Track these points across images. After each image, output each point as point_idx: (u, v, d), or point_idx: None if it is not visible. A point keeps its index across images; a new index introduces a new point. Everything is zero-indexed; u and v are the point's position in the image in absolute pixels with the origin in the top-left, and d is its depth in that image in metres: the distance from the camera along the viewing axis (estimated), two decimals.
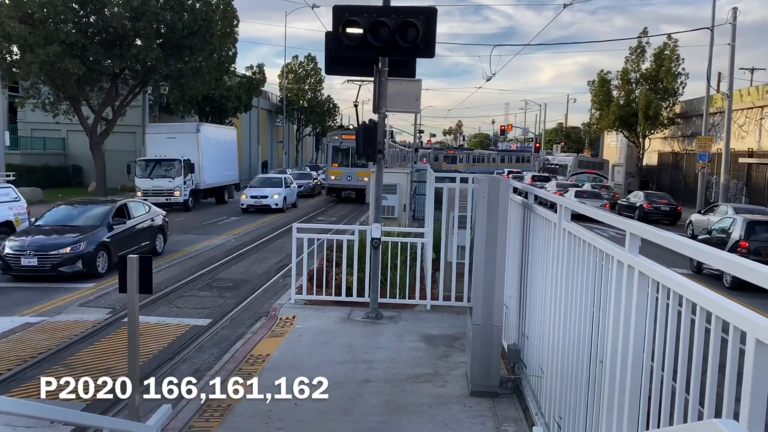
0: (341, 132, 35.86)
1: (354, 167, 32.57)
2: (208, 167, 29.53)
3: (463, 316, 9.13)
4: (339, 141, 33.68)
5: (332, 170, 33.82)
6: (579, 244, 4.33)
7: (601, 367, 3.68)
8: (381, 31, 7.92)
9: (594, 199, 29.85)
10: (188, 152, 28.03)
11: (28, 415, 2.73)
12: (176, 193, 26.98)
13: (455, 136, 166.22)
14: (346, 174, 33.07)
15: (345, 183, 33.19)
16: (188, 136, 28.94)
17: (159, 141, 28.26)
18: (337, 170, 33.37)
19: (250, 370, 7.00)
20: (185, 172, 27.34)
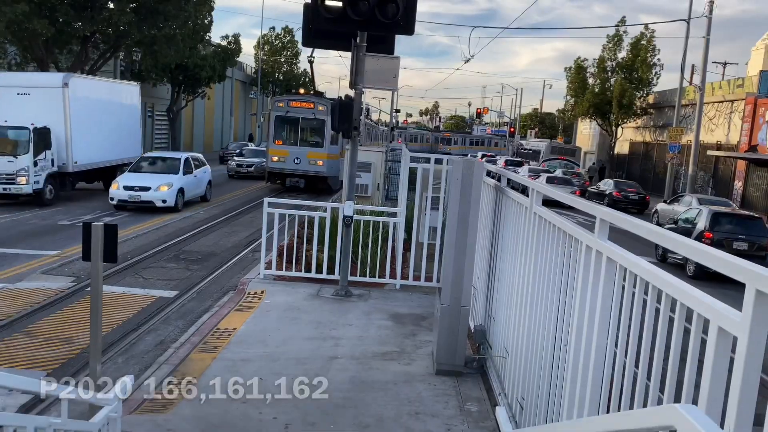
0: (288, 97, 27.02)
1: (304, 146, 24.80)
2: (83, 140, 20.17)
3: (432, 296, 9.18)
4: (285, 109, 24.96)
5: (274, 149, 25.11)
6: (549, 228, 4.36)
7: (565, 350, 3.73)
8: (361, 5, 7.79)
9: (565, 185, 30.17)
10: (48, 116, 18.87)
11: None
12: (20, 179, 17.85)
13: (431, 117, 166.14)
14: (292, 155, 24.64)
15: (291, 167, 24.78)
16: (49, 93, 19.45)
17: (8, 99, 19.01)
18: (281, 149, 24.89)
19: (216, 343, 6.95)
20: (36, 147, 18.13)
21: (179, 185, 19.23)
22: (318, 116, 24.48)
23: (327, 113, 23.25)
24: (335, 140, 24.26)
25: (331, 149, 24.89)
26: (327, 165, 24.74)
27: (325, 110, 23.72)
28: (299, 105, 24.79)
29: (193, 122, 48.97)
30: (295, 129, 25.21)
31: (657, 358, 2.52)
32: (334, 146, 24.85)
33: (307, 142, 25.08)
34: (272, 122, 25.47)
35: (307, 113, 24.64)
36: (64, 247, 12.67)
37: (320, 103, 24.63)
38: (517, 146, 58.60)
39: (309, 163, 24.58)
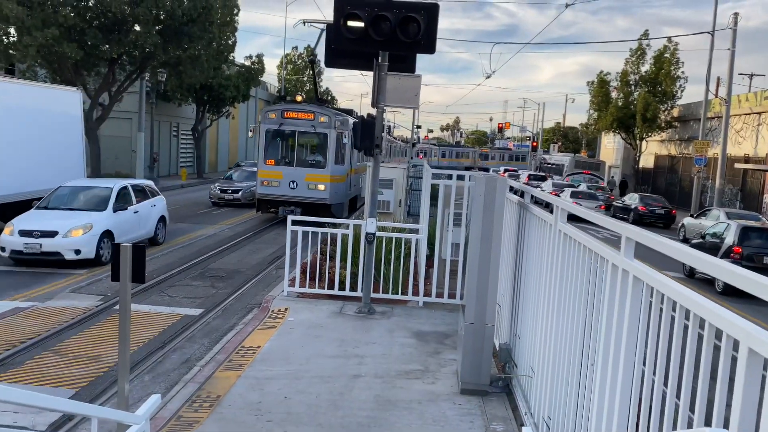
0: (282, 107, 21.36)
1: (302, 166, 20.12)
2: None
3: (456, 313, 9.13)
4: (278, 121, 20.09)
5: (265, 170, 20.17)
6: (574, 246, 4.33)
7: (592, 369, 3.68)
8: (382, 26, 7.89)
9: (589, 200, 29.90)
10: None
11: (15, 402, 2.71)
12: None
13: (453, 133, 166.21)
14: (287, 178, 19.87)
15: (285, 193, 19.84)
16: None
17: None
18: (273, 170, 20.04)
19: (241, 361, 6.99)
20: None
21: (105, 226, 13.07)
22: (319, 129, 19.78)
23: (331, 125, 19.81)
24: (341, 158, 20.60)
25: (336, 170, 20.26)
26: (330, 189, 19.84)
27: (327, 122, 19.85)
28: (295, 116, 19.89)
29: (217, 141, 49.64)
30: (290, 145, 20.42)
31: (686, 376, 2.48)
32: (339, 166, 20.52)
33: (306, 161, 20.36)
34: (262, 137, 20.17)
35: (306, 126, 19.83)
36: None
37: (321, 113, 20.06)
38: (540, 161, 58.29)
39: (308, 188, 19.56)
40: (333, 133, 20.04)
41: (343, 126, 20.51)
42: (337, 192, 20.58)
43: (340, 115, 21.38)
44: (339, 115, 21.26)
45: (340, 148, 20.54)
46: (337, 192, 20.58)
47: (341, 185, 20.97)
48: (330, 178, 19.94)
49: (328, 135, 19.92)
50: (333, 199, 20.12)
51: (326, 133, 19.94)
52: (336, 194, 20.41)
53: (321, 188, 19.76)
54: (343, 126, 20.48)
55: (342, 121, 20.68)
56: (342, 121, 20.68)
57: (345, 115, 21.94)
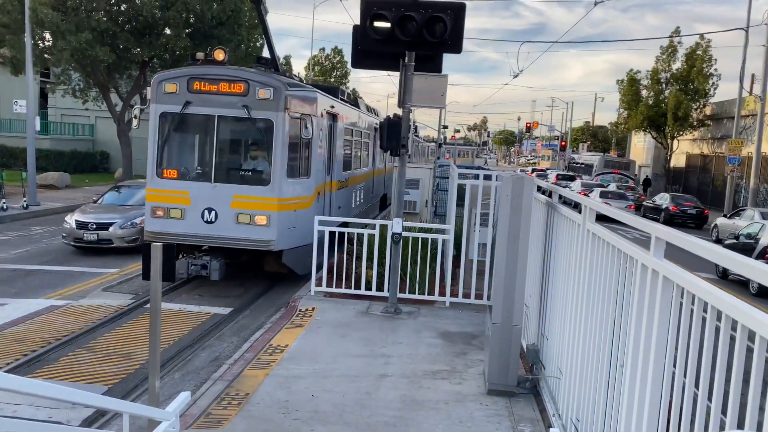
0: (187, 72, 11.16)
1: (227, 181, 11.06)
2: None
3: (483, 314, 9.09)
4: (180, 96, 10.87)
5: (159, 188, 11.22)
6: (603, 246, 4.28)
7: (621, 371, 3.64)
8: (409, 26, 7.89)
9: (619, 199, 29.48)
10: None
11: (50, 397, 2.78)
12: None
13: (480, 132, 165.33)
14: (199, 201, 10.91)
15: (195, 230, 10.92)
16: None
17: None
18: (174, 189, 11.10)
19: (269, 359, 7.05)
20: None
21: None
22: (257, 112, 10.75)
23: (279, 105, 10.65)
24: (302, 165, 11.48)
25: (298, 186, 11.38)
26: (279, 224, 10.84)
27: (274, 98, 10.67)
28: (213, 88, 10.89)
29: None
30: (204, 143, 11.51)
31: (718, 378, 2.44)
32: (304, 179, 11.51)
33: (234, 172, 11.38)
34: (154, 129, 11.26)
35: (232, 105, 10.81)
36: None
37: (261, 82, 10.81)
38: (569, 160, 57.64)
39: (236, 221, 10.76)
40: (283, 119, 10.62)
41: (308, 106, 11.32)
42: (297, 225, 10.97)
43: (300, 89, 11.51)
44: (298, 89, 11.40)
45: (300, 148, 11.23)
46: (297, 225, 10.97)
47: (308, 212, 11.20)
48: (279, 204, 10.75)
49: (275, 123, 10.60)
50: (286, 240, 10.85)
51: (270, 119, 10.63)
52: (295, 229, 10.96)
53: (261, 221, 10.61)
54: (306, 106, 11.22)
55: (305, 99, 11.27)
56: (305, 99, 11.27)
57: (313, 91, 11.96)
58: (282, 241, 10.75)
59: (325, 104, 12.42)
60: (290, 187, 11.04)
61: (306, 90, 11.85)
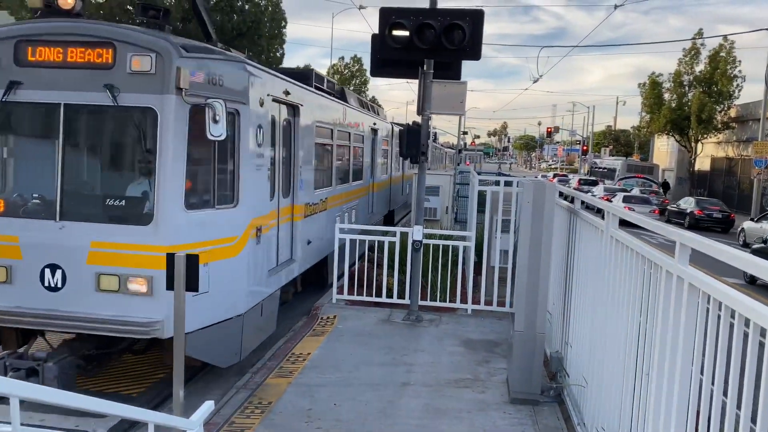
0: (16, 32, 6.26)
1: (80, 218, 6.14)
2: None
3: (505, 321, 9.03)
4: (5, 71, 6.07)
5: None
6: (626, 252, 4.23)
7: (647, 379, 3.59)
8: (427, 33, 7.91)
9: (643, 204, 29.12)
10: None
11: (77, 407, 2.82)
12: None
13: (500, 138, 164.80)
14: (31, 247, 6.09)
15: (33, 304, 6.02)
16: None
17: None
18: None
19: (292, 368, 7.08)
20: None
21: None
22: (128, 95, 6.05)
23: (167, 82, 5.99)
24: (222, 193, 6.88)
25: (212, 221, 6.64)
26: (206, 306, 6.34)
27: (154, 70, 6.02)
28: (58, 58, 6.15)
29: None
30: (45, 151, 6.50)
31: (747, 386, 2.39)
32: (224, 210, 6.81)
33: (95, 199, 6.61)
34: None
35: (88, 83, 6.07)
36: None
37: (137, 45, 6.08)
38: (591, 165, 57.14)
39: (95, 288, 6.03)
40: (175, 106, 6.11)
41: (231, 86, 6.80)
42: (209, 291, 6.42)
43: (211, 55, 6.75)
44: (205, 55, 6.65)
45: (218, 156, 6.75)
46: (209, 291, 6.42)
47: (226, 269, 6.75)
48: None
49: (160, 114, 6.10)
50: (188, 317, 5.23)
51: (151, 107, 6.13)
52: (203, 301, 6.27)
53: (137, 287, 6.05)
54: (225, 85, 6.68)
55: (222, 75, 6.67)
56: (222, 75, 6.67)
57: (240, 62, 7.20)
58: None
59: (272, 88, 7.82)
60: (194, 225, 6.31)
61: (222, 58, 6.79)
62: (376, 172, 16.23)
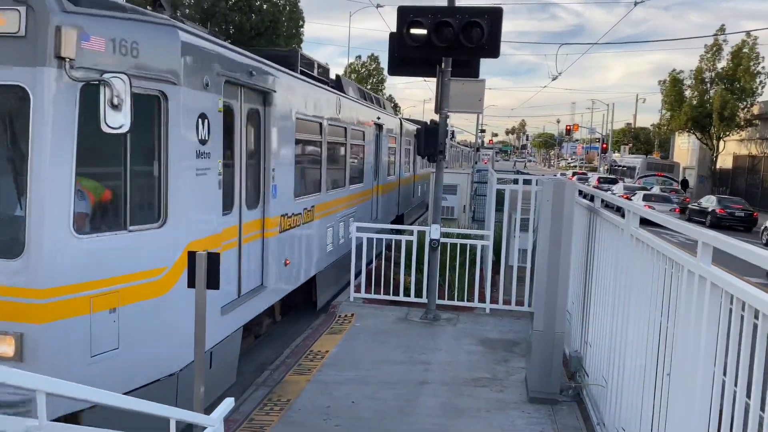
0: None
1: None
2: None
3: (524, 320, 9.00)
4: None
5: None
6: (647, 251, 4.20)
7: (668, 379, 3.56)
8: (445, 32, 7.89)
9: (663, 202, 28.81)
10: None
11: (100, 403, 2.87)
12: None
13: (518, 136, 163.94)
14: None
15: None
16: None
17: None
18: None
19: (310, 365, 7.12)
20: None
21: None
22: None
23: (41, 48, 4.20)
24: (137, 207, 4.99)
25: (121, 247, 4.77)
26: (61, 349, 4.34)
27: (23, 30, 4.21)
28: None
29: None
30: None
31: None
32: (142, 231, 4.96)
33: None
34: None
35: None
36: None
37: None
38: (611, 163, 56.61)
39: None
40: (56, 82, 4.30)
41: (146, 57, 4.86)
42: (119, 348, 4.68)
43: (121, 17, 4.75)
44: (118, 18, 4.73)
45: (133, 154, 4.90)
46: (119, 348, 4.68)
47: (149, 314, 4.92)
48: (48, 304, 4.29)
49: (33, 96, 4.27)
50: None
51: (21, 85, 4.28)
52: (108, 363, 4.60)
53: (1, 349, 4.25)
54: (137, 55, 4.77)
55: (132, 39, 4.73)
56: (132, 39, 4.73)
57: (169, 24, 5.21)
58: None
59: (224, 66, 6.09)
60: (91, 257, 4.58)
61: (139, 19, 4.98)
62: (381, 173, 14.61)
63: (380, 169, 14.51)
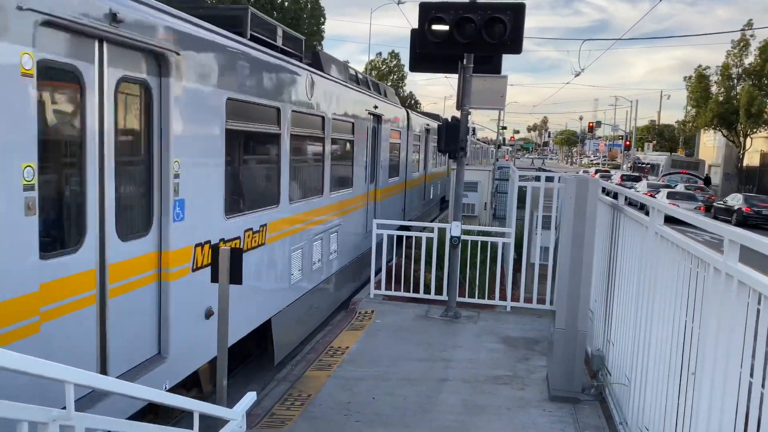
0: None
1: None
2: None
3: (545, 319, 8.94)
4: None
5: None
6: (671, 249, 4.14)
7: (693, 379, 3.51)
8: (467, 28, 7.86)
9: (687, 200, 28.39)
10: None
11: (126, 394, 2.91)
12: None
13: (540, 133, 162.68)
14: None
15: None
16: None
17: None
18: None
19: (330, 361, 7.15)
20: None
21: None
22: None
23: None
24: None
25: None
26: None
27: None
28: None
29: None
30: None
31: None
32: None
33: None
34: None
35: None
36: None
37: None
38: (634, 160, 55.93)
39: None
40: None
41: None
42: None
43: None
44: None
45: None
46: None
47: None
48: None
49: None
50: None
51: None
52: None
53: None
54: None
55: None
56: None
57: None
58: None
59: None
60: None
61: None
62: (381, 174, 12.50)
63: (379, 169, 12.25)
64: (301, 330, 7.36)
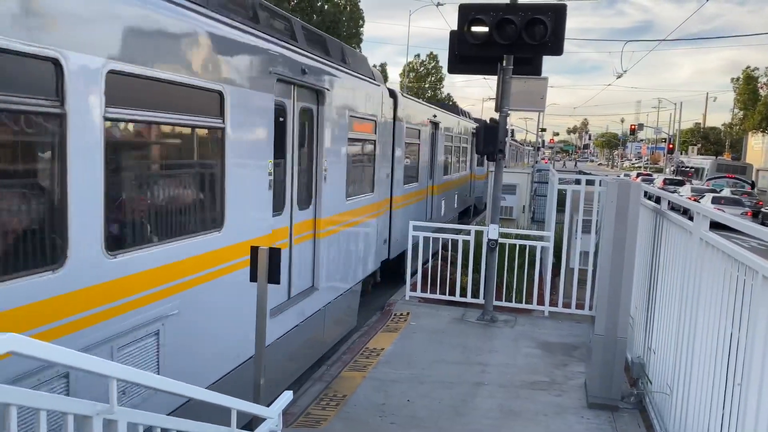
0: None
1: None
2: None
3: (584, 324, 8.80)
4: None
5: None
6: (717, 256, 4.03)
7: (738, 390, 3.40)
8: (507, 29, 7.79)
9: (733, 206, 27.54)
10: None
11: (167, 391, 2.97)
12: None
13: (580, 135, 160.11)
14: None
15: None
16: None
17: None
18: None
19: (366, 362, 7.17)
20: None
21: None
22: None
23: None
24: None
25: None
26: None
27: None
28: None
29: None
30: None
31: None
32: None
33: None
34: None
35: None
36: None
37: None
38: (678, 164, 54.57)
39: None
40: None
41: None
42: None
43: None
44: None
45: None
46: None
47: None
48: None
49: None
50: None
51: None
52: None
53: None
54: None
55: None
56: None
57: None
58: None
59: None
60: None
61: None
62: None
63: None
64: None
